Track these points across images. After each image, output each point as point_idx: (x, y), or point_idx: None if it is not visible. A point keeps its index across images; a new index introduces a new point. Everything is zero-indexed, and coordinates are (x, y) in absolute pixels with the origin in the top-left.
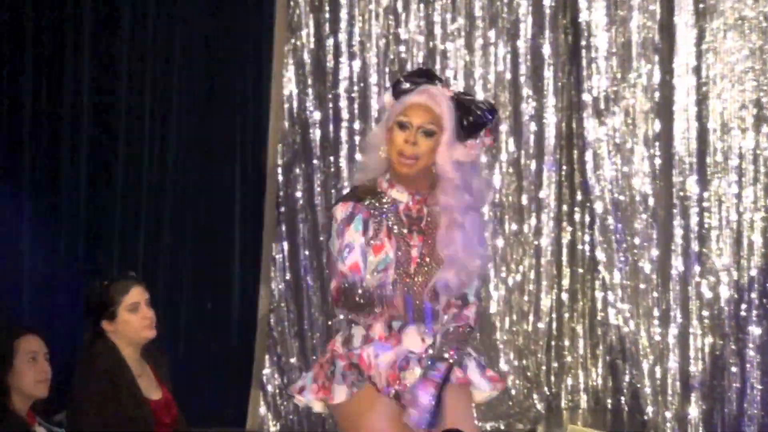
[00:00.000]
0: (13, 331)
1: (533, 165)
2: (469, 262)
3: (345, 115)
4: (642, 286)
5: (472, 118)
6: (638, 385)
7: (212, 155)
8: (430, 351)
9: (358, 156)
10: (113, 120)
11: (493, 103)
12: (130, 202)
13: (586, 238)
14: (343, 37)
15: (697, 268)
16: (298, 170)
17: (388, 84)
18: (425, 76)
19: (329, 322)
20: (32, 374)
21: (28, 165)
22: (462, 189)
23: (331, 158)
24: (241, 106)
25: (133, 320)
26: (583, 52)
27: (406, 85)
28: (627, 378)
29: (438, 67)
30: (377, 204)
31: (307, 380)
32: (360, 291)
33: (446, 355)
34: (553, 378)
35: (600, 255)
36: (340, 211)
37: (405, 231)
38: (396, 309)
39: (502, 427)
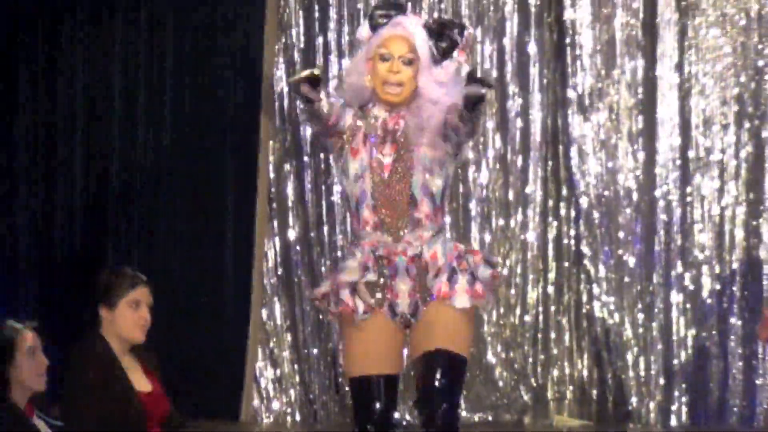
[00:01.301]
0: (13, 326)
1: (519, 161)
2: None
3: None
4: (626, 279)
5: (445, 43)
6: (623, 376)
7: (205, 152)
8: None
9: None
10: (108, 115)
11: (462, 22)
12: (125, 199)
13: (572, 232)
14: (332, 36)
15: (679, 261)
16: (288, 167)
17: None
18: (396, 7)
19: (320, 316)
20: (33, 367)
21: (25, 157)
22: (440, 106)
23: (321, 155)
24: (233, 103)
25: (130, 316)
26: (568, 49)
27: (382, 19)
28: (611, 369)
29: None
30: (362, 114)
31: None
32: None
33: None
34: (539, 369)
35: (585, 249)
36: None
37: (378, 140)
38: (375, 214)
39: (490, 418)
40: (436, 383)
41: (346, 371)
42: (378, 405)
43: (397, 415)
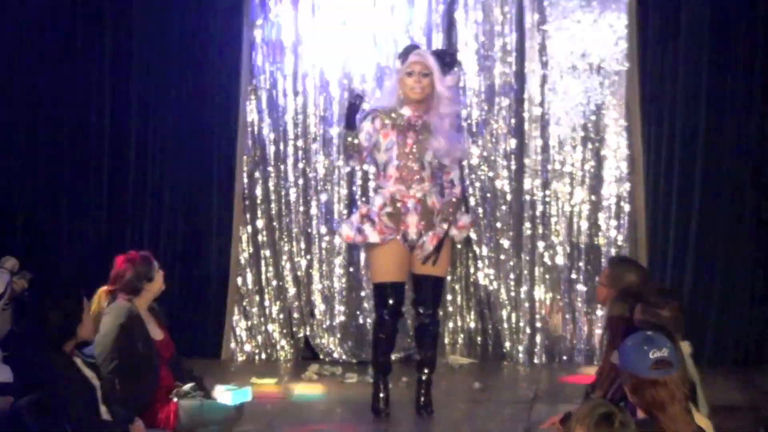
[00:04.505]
0: (80, 294)
1: None
2: (453, 148)
3: (290, 136)
4: (502, 257)
5: (447, 60)
6: (499, 327)
7: (199, 164)
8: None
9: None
10: (127, 142)
11: (454, 53)
12: (139, 200)
13: None
14: (289, 81)
15: (541, 244)
16: (257, 174)
17: (322, 113)
18: (414, 47)
19: (280, 282)
20: (88, 324)
21: (69, 171)
22: (452, 101)
23: (281, 166)
24: (218, 129)
25: (160, 279)
26: (461, 91)
27: (405, 55)
28: (491, 322)
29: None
30: (389, 114)
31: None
32: (354, 140)
33: (444, 223)
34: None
35: (473, 235)
36: (366, 111)
37: (403, 128)
38: (398, 172)
39: (403, 355)
40: (428, 297)
41: (372, 278)
42: (390, 301)
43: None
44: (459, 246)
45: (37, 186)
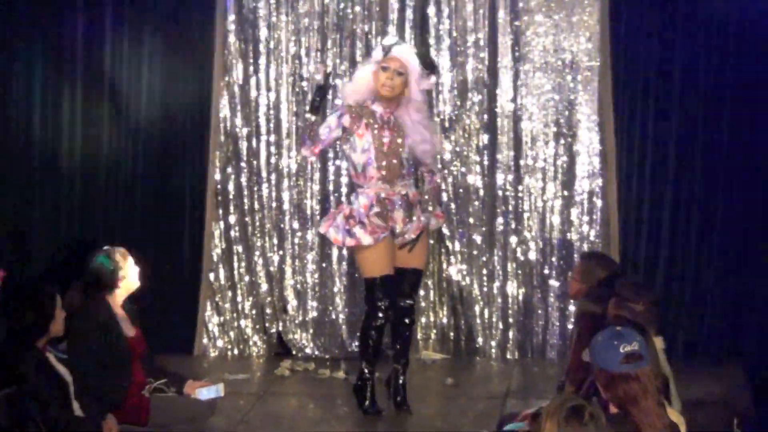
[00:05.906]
0: (52, 291)
1: None
2: (426, 145)
3: (263, 131)
4: (475, 252)
5: (426, 67)
6: (472, 323)
7: (171, 159)
8: (408, 196)
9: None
10: (98, 137)
11: (434, 60)
12: (112, 193)
13: None
14: (262, 76)
15: (513, 239)
16: (230, 169)
17: (295, 109)
18: (397, 42)
19: (253, 278)
20: (61, 320)
21: (40, 166)
22: (424, 103)
23: (254, 162)
24: (190, 124)
25: (134, 272)
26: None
27: (388, 47)
28: (464, 317)
29: (330, 97)
30: (360, 111)
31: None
32: (310, 132)
33: (425, 213)
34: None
35: (445, 230)
36: (337, 107)
37: (377, 127)
38: (379, 172)
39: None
40: (409, 289)
41: (364, 274)
42: (385, 294)
43: None
44: (432, 242)
45: (8, 181)
